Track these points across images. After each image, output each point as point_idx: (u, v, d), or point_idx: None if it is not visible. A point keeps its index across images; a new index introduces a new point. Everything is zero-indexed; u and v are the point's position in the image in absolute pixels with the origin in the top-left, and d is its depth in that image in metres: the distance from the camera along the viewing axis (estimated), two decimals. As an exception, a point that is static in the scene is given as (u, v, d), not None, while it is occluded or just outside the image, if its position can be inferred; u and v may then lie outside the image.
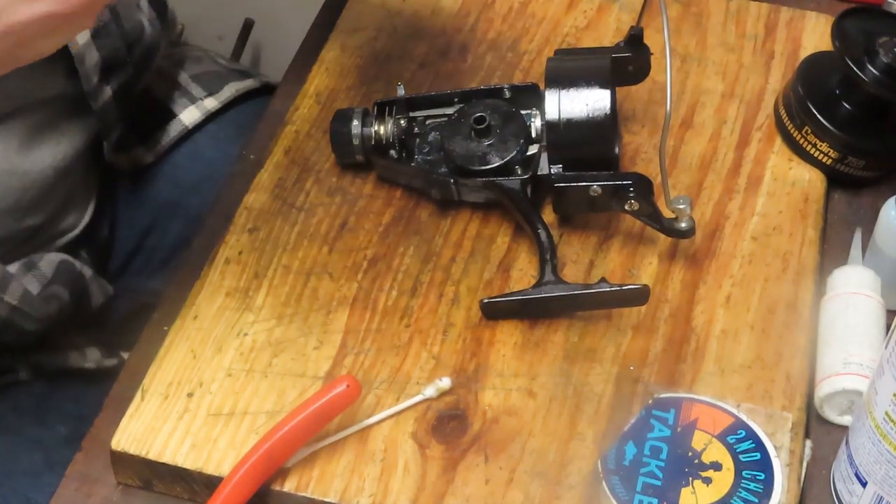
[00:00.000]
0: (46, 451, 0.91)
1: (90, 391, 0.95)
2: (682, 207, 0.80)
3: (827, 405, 0.77)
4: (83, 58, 0.92)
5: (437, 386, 0.76)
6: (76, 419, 0.93)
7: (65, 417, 0.95)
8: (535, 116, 0.85)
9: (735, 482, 0.72)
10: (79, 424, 0.83)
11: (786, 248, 0.85)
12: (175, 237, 1.07)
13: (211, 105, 1.07)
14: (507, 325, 0.80)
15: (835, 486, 0.74)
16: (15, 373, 0.95)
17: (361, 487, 0.73)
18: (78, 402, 0.96)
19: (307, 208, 0.87)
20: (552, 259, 0.80)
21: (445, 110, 0.87)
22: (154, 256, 1.08)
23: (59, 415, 0.95)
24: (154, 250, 1.08)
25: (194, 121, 1.06)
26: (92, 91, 0.94)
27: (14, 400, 0.94)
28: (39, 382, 0.96)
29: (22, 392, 0.95)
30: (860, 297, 0.80)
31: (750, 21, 0.99)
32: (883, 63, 0.84)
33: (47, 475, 0.88)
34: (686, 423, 0.74)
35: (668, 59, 0.76)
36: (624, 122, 0.92)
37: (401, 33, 0.99)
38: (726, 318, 0.81)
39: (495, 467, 0.74)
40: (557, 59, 0.87)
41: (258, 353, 0.79)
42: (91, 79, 0.94)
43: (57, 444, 0.91)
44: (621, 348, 0.79)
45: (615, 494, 0.71)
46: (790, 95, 0.90)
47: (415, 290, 0.82)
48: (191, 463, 0.73)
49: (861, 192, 0.90)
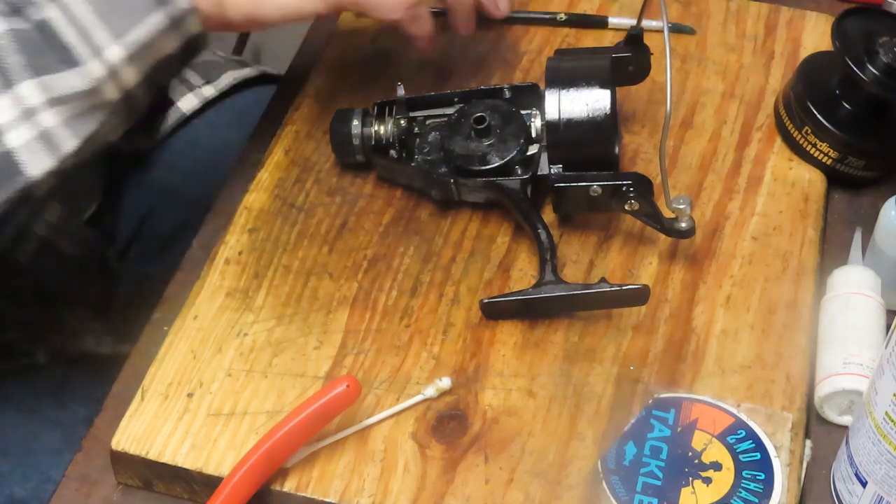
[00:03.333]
0: (65, 431, 0.92)
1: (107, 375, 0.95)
2: (682, 207, 0.80)
3: (827, 405, 0.77)
4: None
5: (437, 386, 0.76)
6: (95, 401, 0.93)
7: (83, 399, 0.95)
8: (535, 116, 0.85)
9: (735, 482, 0.72)
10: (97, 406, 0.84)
11: (786, 248, 0.85)
12: (173, 224, 1.07)
13: (209, 93, 1.07)
14: (507, 325, 0.80)
15: (835, 486, 0.74)
16: (33, 356, 0.95)
17: (361, 487, 0.73)
18: (95, 386, 0.95)
19: (307, 208, 0.87)
20: (552, 259, 0.80)
21: (445, 110, 0.87)
22: (152, 242, 1.08)
23: (77, 397, 0.95)
24: (153, 236, 1.08)
25: (192, 108, 1.06)
26: None
27: (33, 383, 0.95)
28: (58, 366, 0.96)
29: (41, 375, 0.95)
30: (860, 297, 0.80)
31: (750, 21, 0.99)
32: (883, 63, 0.84)
33: (66, 454, 0.88)
34: (686, 423, 0.74)
35: (668, 59, 0.76)
36: (624, 122, 0.92)
37: (401, 33, 0.99)
38: (726, 318, 0.81)
39: (495, 467, 0.73)
40: (557, 59, 0.87)
41: (258, 353, 0.79)
42: None
43: (76, 424, 0.91)
44: (621, 348, 0.79)
45: (615, 494, 0.71)
46: (790, 95, 0.90)
47: (415, 290, 0.82)
48: (191, 463, 0.73)
49: (861, 192, 0.90)
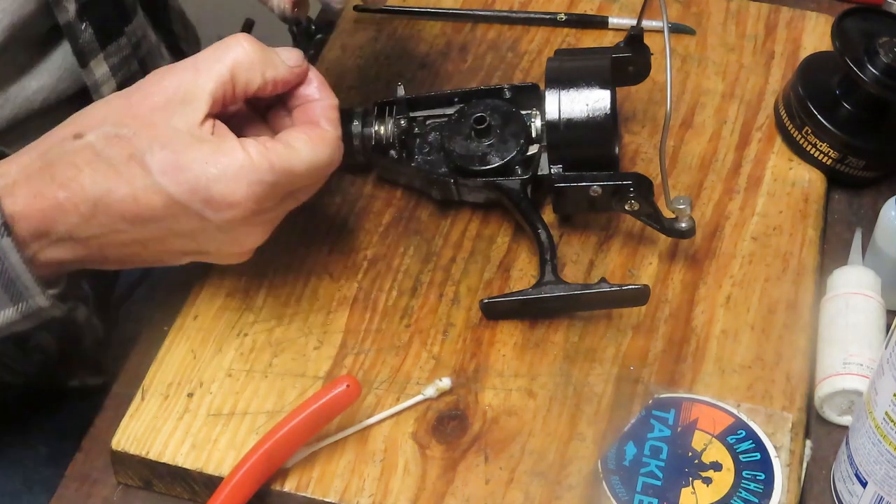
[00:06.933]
0: (26, 472, 0.90)
1: (74, 408, 0.93)
2: (682, 207, 0.80)
3: (827, 405, 0.77)
4: None
5: (437, 386, 0.76)
6: (58, 437, 0.91)
7: (46, 435, 0.93)
8: (535, 116, 0.85)
9: (735, 482, 0.72)
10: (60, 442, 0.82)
11: (786, 248, 0.85)
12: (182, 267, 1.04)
13: None
14: (507, 325, 0.80)
15: (835, 486, 0.74)
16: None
17: (361, 487, 0.73)
18: (60, 420, 0.94)
19: (307, 208, 0.87)
20: (552, 259, 0.80)
21: (445, 110, 0.87)
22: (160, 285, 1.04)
23: (40, 433, 0.93)
24: (161, 279, 1.05)
25: None
26: None
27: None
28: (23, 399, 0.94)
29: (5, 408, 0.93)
30: (860, 297, 0.80)
31: (750, 21, 0.99)
32: (883, 63, 0.84)
33: (26, 495, 0.87)
34: (686, 423, 0.74)
35: (668, 59, 0.76)
36: (624, 122, 0.92)
37: (401, 33, 0.99)
38: (726, 318, 0.81)
39: (495, 467, 0.74)
40: (557, 60, 0.87)
41: (258, 353, 0.79)
42: None
43: (37, 464, 0.90)
44: (621, 348, 0.79)
45: (615, 494, 0.71)
46: (790, 95, 0.90)
47: (415, 290, 0.82)
48: (191, 463, 0.73)
49: (861, 192, 0.90)
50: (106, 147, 0.68)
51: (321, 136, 0.72)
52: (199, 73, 0.69)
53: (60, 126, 0.71)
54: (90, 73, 0.84)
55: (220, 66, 0.70)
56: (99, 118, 0.70)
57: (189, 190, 0.68)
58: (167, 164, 0.67)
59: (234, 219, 0.69)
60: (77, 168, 0.68)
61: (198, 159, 0.68)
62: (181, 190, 0.68)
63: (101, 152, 0.68)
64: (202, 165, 0.67)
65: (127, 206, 0.68)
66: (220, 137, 0.69)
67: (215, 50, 0.71)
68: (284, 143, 0.70)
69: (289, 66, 0.73)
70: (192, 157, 0.68)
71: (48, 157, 0.69)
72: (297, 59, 0.73)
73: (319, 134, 0.72)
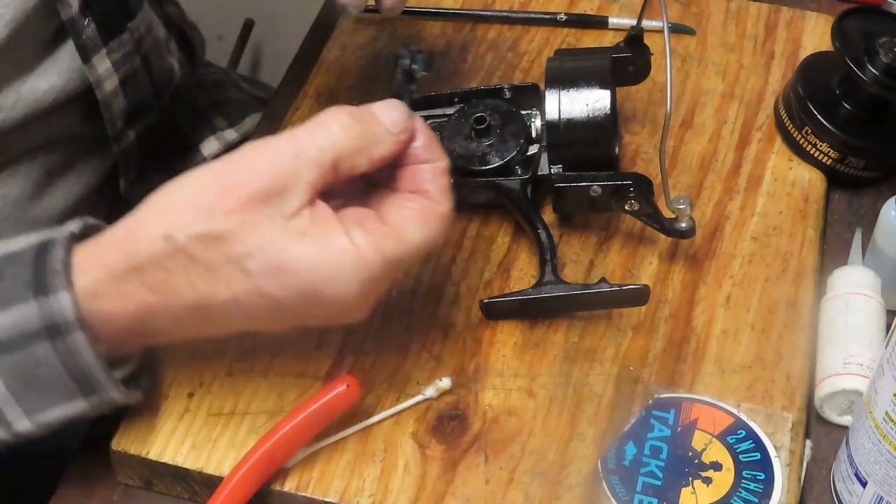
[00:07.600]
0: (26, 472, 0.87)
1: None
2: (682, 207, 0.80)
3: (827, 405, 0.77)
4: (110, 104, 0.88)
5: (437, 386, 0.76)
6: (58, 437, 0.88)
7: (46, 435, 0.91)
8: (535, 116, 0.85)
9: (735, 482, 0.72)
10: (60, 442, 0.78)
11: (786, 248, 0.85)
12: None
13: (231, 137, 1.04)
14: (507, 325, 0.80)
15: (835, 486, 0.74)
16: None
17: (361, 487, 0.73)
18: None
19: (307, 208, 0.87)
20: (552, 259, 0.80)
21: (445, 110, 0.87)
22: None
23: None
24: None
25: (213, 153, 1.04)
26: (116, 135, 0.90)
27: None
28: None
29: None
30: (860, 297, 0.80)
31: (750, 21, 0.99)
32: (883, 63, 0.84)
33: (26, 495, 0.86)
34: (686, 423, 0.74)
35: (668, 60, 0.76)
36: (624, 122, 0.92)
37: (401, 33, 0.99)
38: (726, 318, 0.81)
39: (495, 467, 0.74)
40: (557, 60, 0.87)
41: (258, 353, 0.79)
42: (116, 123, 0.89)
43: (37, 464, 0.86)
44: (621, 348, 0.79)
45: (615, 494, 0.71)
46: (790, 95, 0.90)
47: (415, 290, 0.82)
48: (191, 463, 0.73)
49: (861, 192, 0.90)
50: (200, 250, 0.64)
51: (434, 212, 0.67)
52: (299, 160, 0.64)
53: (140, 220, 0.66)
54: (93, 69, 0.84)
55: (322, 155, 0.64)
56: (189, 216, 0.64)
57: (296, 295, 0.64)
58: (269, 267, 0.63)
59: (343, 312, 0.66)
60: (168, 272, 0.64)
61: (303, 259, 0.63)
62: (288, 294, 0.64)
63: (194, 256, 0.64)
64: (308, 266, 0.63)
65: (228, 308, 0.65)
66: (323, 229, 0.64)
67: (314, 132, 0.65)
68: (396, 232, 0.65)
69: (395, 137, 0.67)
70: (295, 256, 0.63)
71: (135, 260, 0.65)
72: (402, 123, 0.67)
73: (432, 211, 0.67)
